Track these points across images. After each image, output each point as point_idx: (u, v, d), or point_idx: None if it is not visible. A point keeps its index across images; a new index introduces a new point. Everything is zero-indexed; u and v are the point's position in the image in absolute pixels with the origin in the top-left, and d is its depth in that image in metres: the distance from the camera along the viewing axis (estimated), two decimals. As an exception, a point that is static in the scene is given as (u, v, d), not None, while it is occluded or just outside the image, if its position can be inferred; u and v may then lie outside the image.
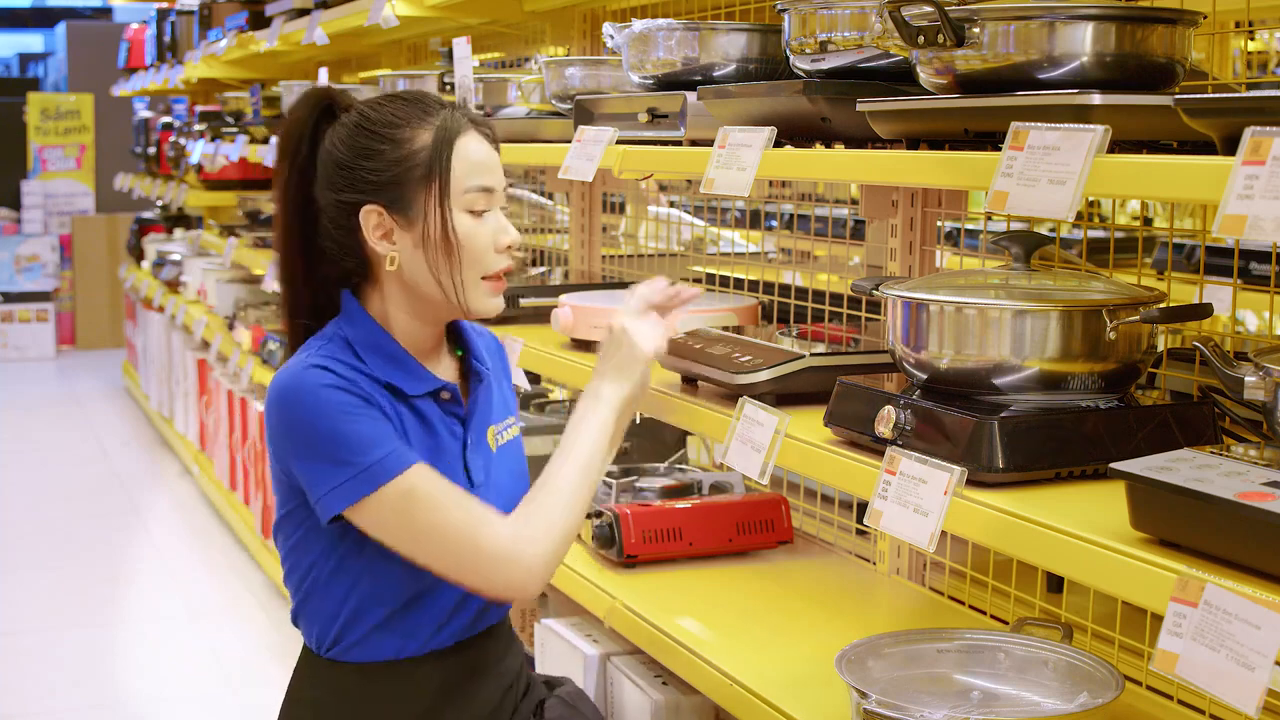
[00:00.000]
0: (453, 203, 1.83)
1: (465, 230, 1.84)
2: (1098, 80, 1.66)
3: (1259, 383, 1.52)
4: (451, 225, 1.83)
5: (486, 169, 1.86)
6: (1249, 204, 1.29)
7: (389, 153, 1.83)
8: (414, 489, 1.76)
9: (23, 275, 9.98)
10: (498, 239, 1.87)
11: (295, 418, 1.78)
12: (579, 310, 2.82)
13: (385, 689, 1.89)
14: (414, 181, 1.82)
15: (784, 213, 3.69)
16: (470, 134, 1.86)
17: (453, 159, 1.83)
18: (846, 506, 2.80)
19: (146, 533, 5.76)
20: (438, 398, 1.89)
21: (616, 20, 2.88)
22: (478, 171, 1.85)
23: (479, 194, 1.85)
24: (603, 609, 2.43)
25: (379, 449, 1.76)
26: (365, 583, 1.86)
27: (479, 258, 1.85)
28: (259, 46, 5.54)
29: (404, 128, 1.83)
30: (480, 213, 1.85)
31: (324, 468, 1.76)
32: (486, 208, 1.86)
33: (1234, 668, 1.29)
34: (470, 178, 1.84)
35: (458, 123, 1.85)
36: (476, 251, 1.85)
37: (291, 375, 1.81)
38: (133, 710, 4.00)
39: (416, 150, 1.82)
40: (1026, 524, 1.57)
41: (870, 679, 1.84)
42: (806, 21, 2.06)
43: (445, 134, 1.83)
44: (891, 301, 1.89)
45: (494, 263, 1.87)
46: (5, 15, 14.23)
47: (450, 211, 1.83)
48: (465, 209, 1.84)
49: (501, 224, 1.87)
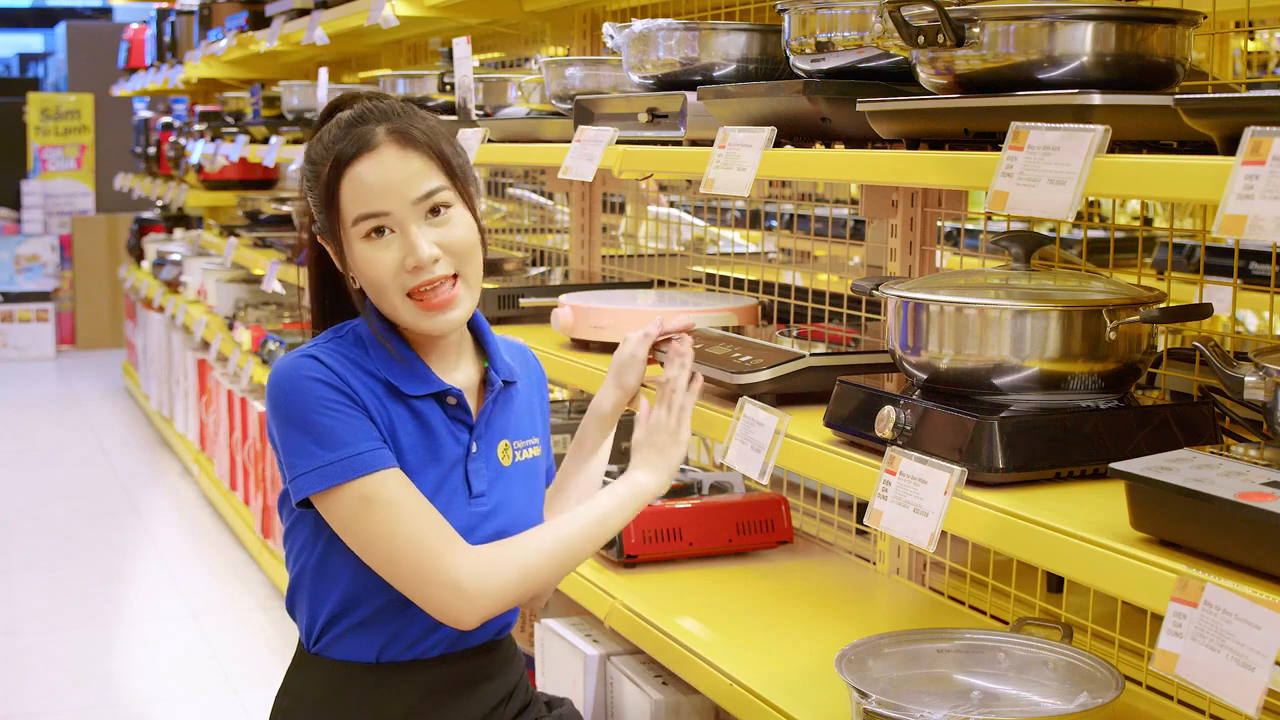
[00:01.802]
0: (348, 234, 1.82)
1: (362, 259, 1.81)
2: (1098, 80, 1.66)
3: (1259, 383, 1.52)
4: (351, 255, 1.82)
5: (379, 192, 1.79)
6: (1249, 204, 1.29)
7: (313, 187, 1.85)
8: (375, 495, 1.77)
9: (23, 275, 9.98)
10: (405, 261, 1.79)
11: (280, 400, 1.81)
12: (579, 310, 2.82)
13: (365, 691, 1.88)
14: (327, 214, 1.83)
15: (784, 213, 3.69)
16: (372, 154, 1.79)
17: (342, 190, 1.80)
18: (846, 506, 2.80)
19: (146, 533, 5.76)
20: (443, 401, 1.89)
21: (616, 20, 2.88)
22: (367, 198, 1.79)
23: (367, 220, 1.79)
24: (603, 609, 2.43)
25: (348, 448, 1.77)
26: (347, 578, 1.86)
27: (385, 285, 1.80)
28: (259, 46, 5.54)
29: (319, 161, 1.83)
30: (380, 234, 1.80)
31: (297, 453, 1.79)
32: (389, 228, 1.80)
33: (1234, 668, 1.29)
34: (357, 206, 1.79)
35: (356, 145, 1.80)
36: (381, 279, 1.80)
37: (287, 361, 1.84)
38: (133, 710, 3.99)
39: (322, 184, 1.83)
40: (1026, 524, 1.57)
41: (870, 679, 1.84)
42: (806, 21, 2.06)
43: (337, 162, 1.80)
44: (891, 301, 1.89)
45: (407, 282, 1.80)
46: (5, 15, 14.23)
47: (349, 244, 1.82)
48: (360, 237, 1.81)
49: (409, 244, 1.79)
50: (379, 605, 1.86)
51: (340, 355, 1.84)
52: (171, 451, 6.98)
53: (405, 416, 1.85)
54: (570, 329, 2.83)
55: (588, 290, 3.21)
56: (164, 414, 7.24)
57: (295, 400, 1.79)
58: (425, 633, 1.88)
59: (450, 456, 1.88)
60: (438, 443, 1.87)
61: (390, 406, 1.84)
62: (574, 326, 2.83)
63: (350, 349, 1.86)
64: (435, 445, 1.87)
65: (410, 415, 1.86)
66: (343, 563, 1.85)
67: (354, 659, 1.88)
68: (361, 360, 1.85)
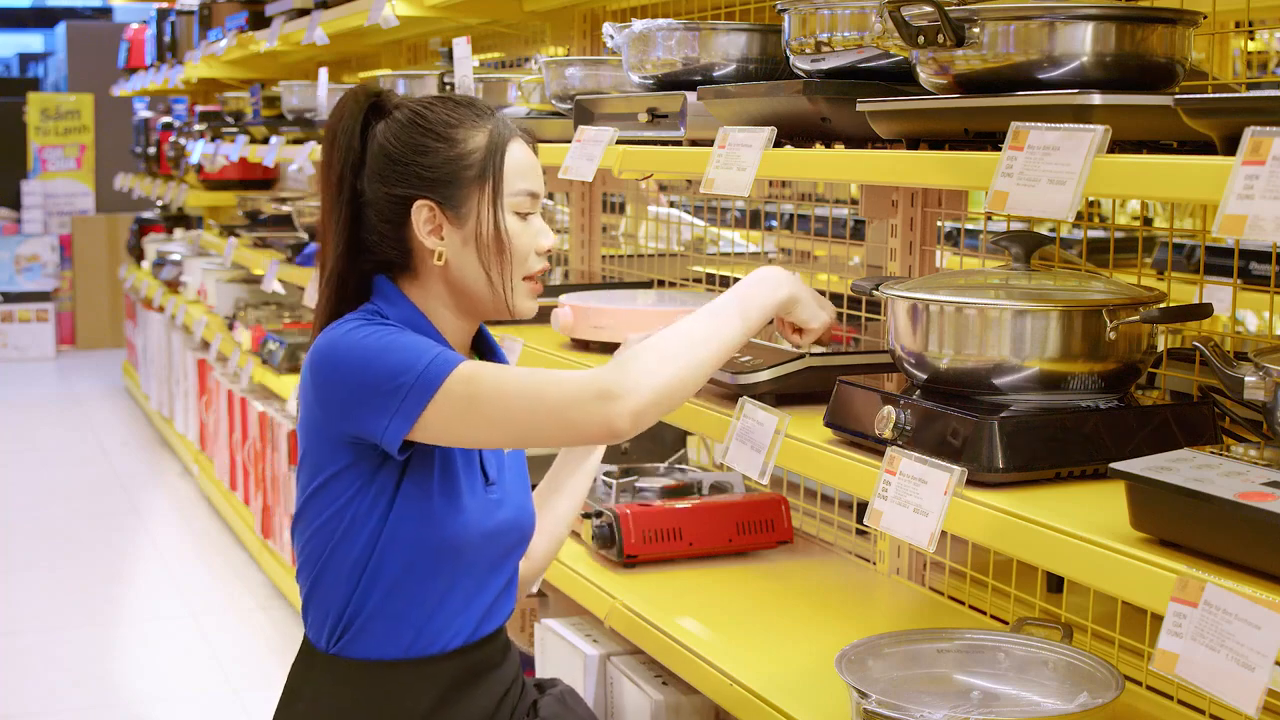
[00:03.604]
0: (503, 204, 1.92)
1: (513, 231, 1.93)
2: (1098, 80, 1.66)
3: (1259, 383, 1.52)
4: (504, 225, 1.91)
5: (533, 174, 1.95)
6: (1249, 204, 1.29)
7: (444, 150, 1.90)
8: (475, 373, 1.78)
9: (23, 275, 9.98)
10: (538, 241, 1.95)
11: (343, 364, 1.82)
12: (579, 310, 2.82)
13: (388, 691, 1.88)
14: (468, 181, 1.90)
15: (784, 213, 3.69)
16: (517, 140, 1.95)
17: (505, 162, 1.92)
18: (846, 506, 2.80)
19: (146, 533, 5.76)
20: None
21: (616, 20, 2.88)
22: (525, 176, 1.94)
23: (525, 198, 1.94)
24: (603, 609, 2.43)
25: (424, 357, 1.78)
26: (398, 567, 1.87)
27: (523, 258, 1.94)
28: (259, 46, 5.54)
29: (459, 128, 1.91)
30: (525, 215, 1.94)
31: (381, 398, 1.78)
32: (531, 211, 1.95)
33: (1234, 668, 1.29)
34: (519, 181, 1.93)
35: (509, 128, 1.95)
36: (521, 252, 1.93)
37: (329, 338, 1.86)
38: (133, 710, 4.00)
39: (470, 151, 1.90)
40: (1026, 524, 1.57)
41: (870, 679, 1.84)
42: (806, 21, 2.06)
43: (499, 137, 1.92)
44: (891, 301, 1.89)
45: (534, 264, 1.95)
46: (5, 15, 14.23)
47: (502, 212, 1.91)
48: (513, 211, 1.93)
49: (541, 227, 1.96)
50: (420, 593, 1.88)
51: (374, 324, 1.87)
52: (171, 451, 6.99)
53: None
54: (570, 329, 2.83)
55: (588, 290, 3.20)
56: (164, 414, 7.25)
57: (361, 355, 1.81)
58: (451, 617, 1.90)
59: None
60: None
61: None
62: (574, 326, 2.82)
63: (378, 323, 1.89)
64: None
65: None
66: (395, 551, 1.86)
67: (378, 656, 1.88)
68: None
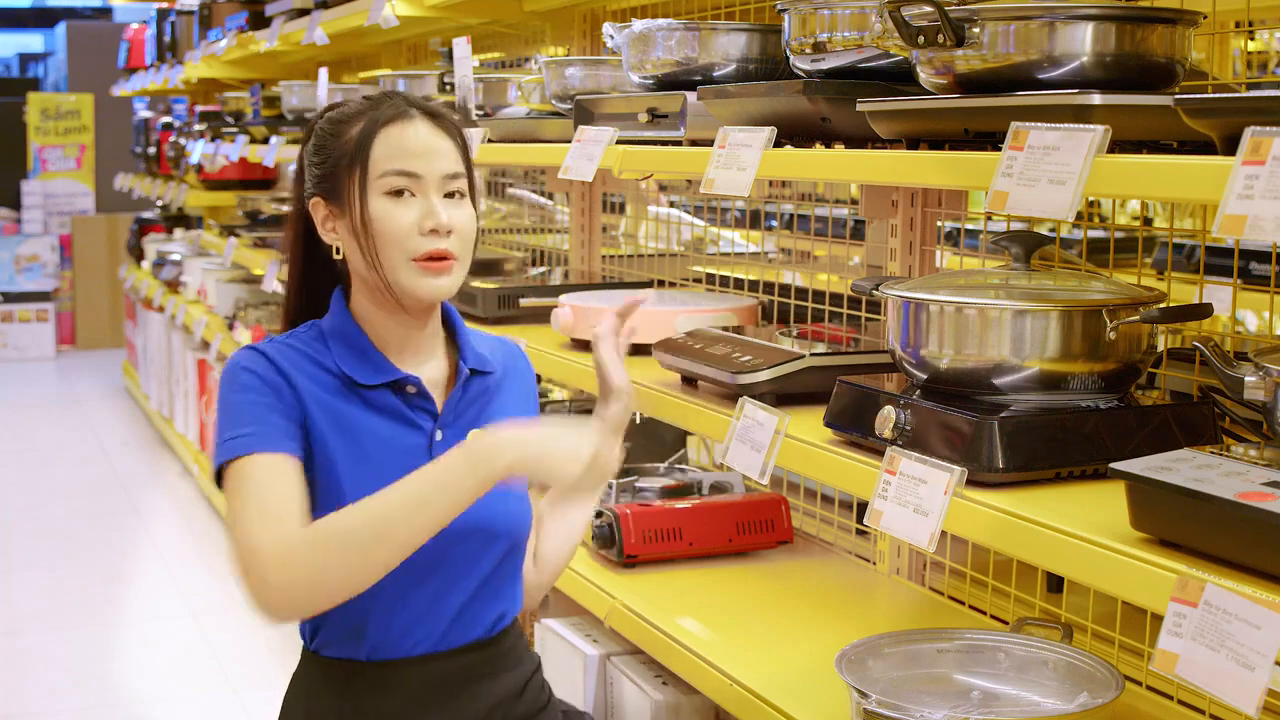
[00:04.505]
0: (370, 186, 1.85)
1: (380, 213, 1.84)
2: (1098, 80, 1.66)
3: (1259, 383, 1.52)
4: (366, 207, 1.84)
5: (413, 154, 1.85)
6: (1249, 204, 1.29)
7: (329, 145, 1.89)
8: (246, 474, 1.75)
9: (23, 275, 9.98)
10: (422, 223, 1.84)
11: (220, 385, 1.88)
12: (579, 310, 2.82)
13: (360, 688, 1.88)
14: (343, 169, 1.87)
15: (784, 213, 3.69)
16: (409, 122, 1.86)
17: (375, 143, 1.85)
18: (846, 506, 2.80)
19: (146, 533, 5.76)
20: (401, 391, 1.89)
21: (616, 20, 2.88)
22: (400, 156, 1.85)
23: (396, 177, 1.84)
24: (603, 609, 2.43)
25: (243, 428, 1.79)
26: None
27: (398, 239, 1.84)
28: (259, 46, 5.54)
29: (347, 122, 1.89)
30: (400, 195, 1.85)
31: (217, 429, 1.84)
32: (410, 191, 1.85)
33: (1234, 668, 1.29)
34: (390, 161, 1.85)
35: (394, 110, 1.86)
36: (395, 234, 1.84)
37: (235, 353, 1.90)
38: (133, 710, 4.00)
39: (347, 140, 1.87)
40: (1026, 524, 1.57)
41: (870, 679, 1.84)
42: (806, 21, 2.06)
43: (373, 121, 1.86)
44: (891, 301, 1.89)
45: (418, 245, 1.84)
46: (5, 15, 14.23)
47: (367, 195, 1.85)
48: (383, 192, 1.85)
49: (429, 208, 1.85)
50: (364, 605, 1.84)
51: (291, 349, 1.88)
52: (171, 451, 6.98)
53: (360, 408, 1.87)
54: (570, 329, 2.83)
55: (588, 290, 3.20)
56: (164, 414, 7.24)
57: (223, 385, 1.86)
58: (405, 630, 1.87)
59: (412, 445, 1.88)
60: (398, 431, 1.88)
61: (343, 400, 1.86)
62: (574, 326, 2.83)
63: (309, 343, 1.90)
64: (395, 434, 1.88)
65: (366, 406, 1.87)
66: None
67: (348, 657, 1.89)
68: (318, 354, 1.88)
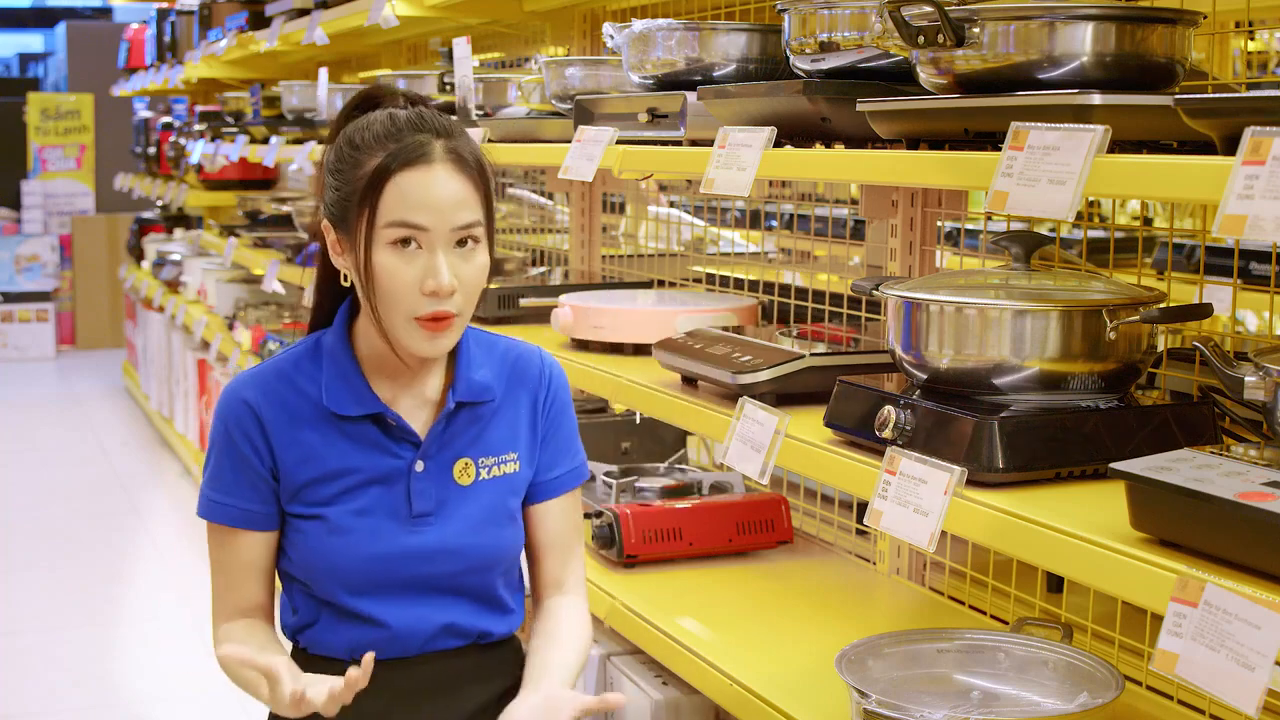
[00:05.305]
0: (377, 235, 1.74)
1: (383, 267, 1.74)
2: (1098, 80, 1.66)
3: (1259, 383, 1.52)
4: (370, 257, 1.75)
5: (425, 206, 1.73)
6: (1249, 204, 1.29)
7: (346, 172, 1.78)
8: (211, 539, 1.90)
9: (23, 275, 9.98)
10: (424, 282, 1.74)
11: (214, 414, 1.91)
12: (579, 310, 2.82)
13: None
14: (353, 205, 1.76)
15: (784, 213, 3.69)
16: (428, 168, 1.74)
17: (386, 189, 1.73)
18: (846, 506, 2.80)
19: (146, 533, 5.76)
20: (381, 422, 1.86)
21: (616, 20, 2.88)
22: (411, 208, 1.73)
23: (400, 229, 1.73)
24: (603, 609, 2.43)
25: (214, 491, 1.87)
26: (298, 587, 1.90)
27: (398, 298, 1.75)
28: (259, 46, 5.55)
29: (365, 150, 1.76)
30: (406, 244, 1.74)
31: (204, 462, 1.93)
32: (417, 243, 1.74)
33: (1234, 668, 1.29)
34: (398, 211, 1.73)
35: (415, 152, 1.74)
36: (396, 291, 1.75)
37: (237, 378, 1.90)
38: (133, 710, 4.00)
39: (362, 175, 1.75)
40: (1026, 524, 1.57)
41: (870, 679, 1.84)
42: (806, 21, 2.06)
43: (390, 162, 1.73)
44: (891, 301, 1.89)
45: (418, 305, 1.74)
46: (5, 15, 14.23)
47: (372, 243, 1.75)
48: (388, 241, 1.74)
49: (432, 266, 1.73)
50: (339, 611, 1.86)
51: (281, 377, 1.86)
52: (171, 451, 6.98)
53: (336, 436, 1.84)
54: (570, 329, 2.83)
55: (588, 290, 3.21)
56: (164, 414, 7.25)
57: (214, 424, 1.90)
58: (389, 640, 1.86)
59: (390, 473, 1.85)
60: (375, 460, 1.85)
61: (319, 428, 1.84)
62: (574, 326, 2.83)
63: (306, 361, 1.87)
64: (373, 463, 1.84)
65: (342, 435, 1.84)
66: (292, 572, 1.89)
67: (332, 655, 1.89)
68: (309, 375, 1.85)
